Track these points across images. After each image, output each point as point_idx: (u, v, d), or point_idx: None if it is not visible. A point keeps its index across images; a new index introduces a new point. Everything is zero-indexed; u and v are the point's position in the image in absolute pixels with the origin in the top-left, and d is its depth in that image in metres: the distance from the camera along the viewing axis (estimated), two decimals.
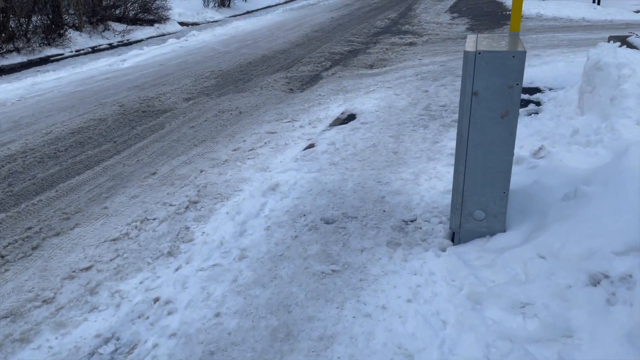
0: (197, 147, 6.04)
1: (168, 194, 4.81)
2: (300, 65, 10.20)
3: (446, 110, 6.58)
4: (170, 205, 4.57)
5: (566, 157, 4.22)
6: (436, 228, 3.78)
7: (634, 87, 4.49)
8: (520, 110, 6.21)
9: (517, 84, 3.03)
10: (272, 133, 6.39)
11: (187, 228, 4.17)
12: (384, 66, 9.93)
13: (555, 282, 2.70)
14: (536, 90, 7.01)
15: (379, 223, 3.95)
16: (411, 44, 11.92)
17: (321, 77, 9.33)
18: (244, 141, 6.18)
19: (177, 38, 13.82)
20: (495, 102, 3.09)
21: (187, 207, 4.51)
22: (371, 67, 10.02)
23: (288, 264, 3.49)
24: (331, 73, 9.62)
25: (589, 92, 5.03)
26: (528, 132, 5.35)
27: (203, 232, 4.07)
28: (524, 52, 2.99)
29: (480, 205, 3.33)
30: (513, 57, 2.99)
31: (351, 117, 6.68)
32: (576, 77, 7.22)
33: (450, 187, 4.30)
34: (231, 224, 4.03)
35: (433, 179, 4.55)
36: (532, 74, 7.66)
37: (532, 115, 6.01)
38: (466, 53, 3.04)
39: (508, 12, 14.91)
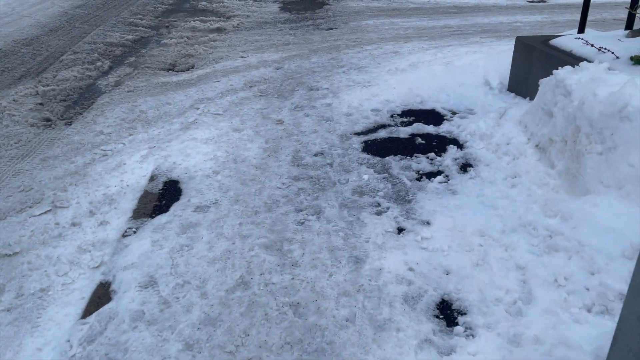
0: None
1: None
2: (61, 68, 6.44)
3: (330, 164, 3.96)
4: None
5: None
6: None
7: None
8: (447, 161, 3.94)
9: None
10: (8, 256, 2.99)
11: None
12: (193, 67, 6.82)
13: None
14: (436, 115, 4.84)
15: None
16: (219, 30, 8.90)
17: (99, 91, 5.83)
18: None
19: None
20: None
21: None
22: (173, 68, 6.81)
23: None
24: (114, 81, 6.15)
25: (598, 153, 2.94)
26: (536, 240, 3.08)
27: None
28: None
29: None
30: None
31: (172, 191, 3.61)
32: (470, 89, 5.28)
33: None
34: None
35: None
36: (412, 84, 5.50)
37: (470, 171, 3.77)
38: None
39: None
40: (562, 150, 3.32)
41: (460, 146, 4.15)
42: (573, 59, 4.15)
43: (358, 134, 4.47)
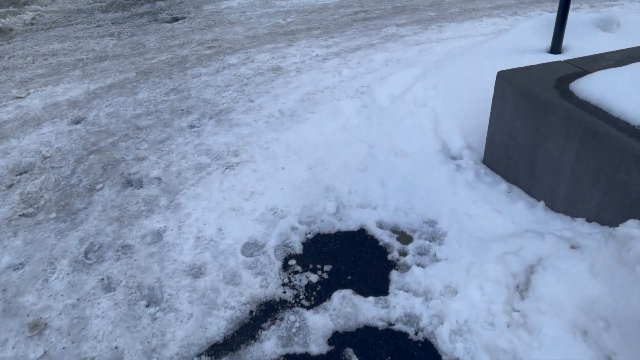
0: None
1: None
2: None
3: None
4: None
5: None
6: None
7: None
8: None
9: None
10: None
11: None
12: None
13: None
14: (370, 250, 2.38)
15: None
16: (0, 32, 5.63)
17: None
18: None
19: None
20: None
21: None
22: None
23: None
24: None
25: None
26: None
27: None
28: None
29: None
30: None
31: None
32: (420, 168, 2.93)
33: None
34: None
35: None
36: (315, 158, 3.00)
37: None
38: None
39: None
40: None
41: None
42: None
43: (214, 353, 1.92)
